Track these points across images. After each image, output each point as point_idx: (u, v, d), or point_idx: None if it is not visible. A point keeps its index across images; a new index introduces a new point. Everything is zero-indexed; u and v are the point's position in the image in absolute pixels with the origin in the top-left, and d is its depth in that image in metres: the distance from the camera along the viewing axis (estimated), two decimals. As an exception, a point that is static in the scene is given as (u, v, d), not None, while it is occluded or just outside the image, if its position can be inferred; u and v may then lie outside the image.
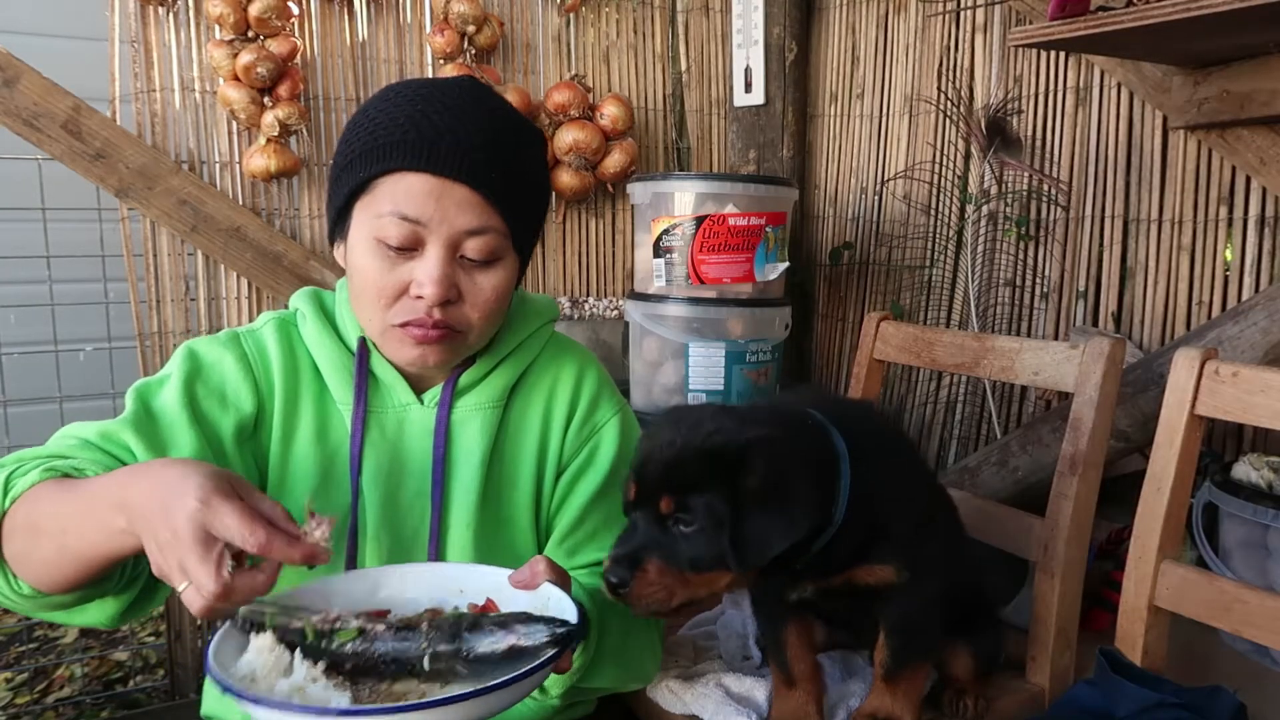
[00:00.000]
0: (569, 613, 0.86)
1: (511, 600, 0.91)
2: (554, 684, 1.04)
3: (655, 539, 0.96)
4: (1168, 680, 1.18)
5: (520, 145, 1.08)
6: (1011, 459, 1.87)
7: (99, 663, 2.33)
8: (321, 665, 0.81)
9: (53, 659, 2.34)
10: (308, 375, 1.14)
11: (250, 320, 2.14)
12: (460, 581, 0.95)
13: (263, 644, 0.83)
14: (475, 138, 1.02)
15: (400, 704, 0.75)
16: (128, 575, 0.98)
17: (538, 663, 0.78)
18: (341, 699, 0.79)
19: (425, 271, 1.02)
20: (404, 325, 1.05)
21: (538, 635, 0.80)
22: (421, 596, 0.94)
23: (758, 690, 1.25)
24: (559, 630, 0.81)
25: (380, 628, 0.83)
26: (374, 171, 1.02)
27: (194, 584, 0.79)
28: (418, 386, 1.15)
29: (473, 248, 1.03)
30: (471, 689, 0.74)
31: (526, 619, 0.83)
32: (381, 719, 0.74)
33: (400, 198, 1.01)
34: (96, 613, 0.99)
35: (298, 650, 0.82)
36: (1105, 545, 1.84)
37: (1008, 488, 1.87)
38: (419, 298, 1.03)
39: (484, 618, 0.84)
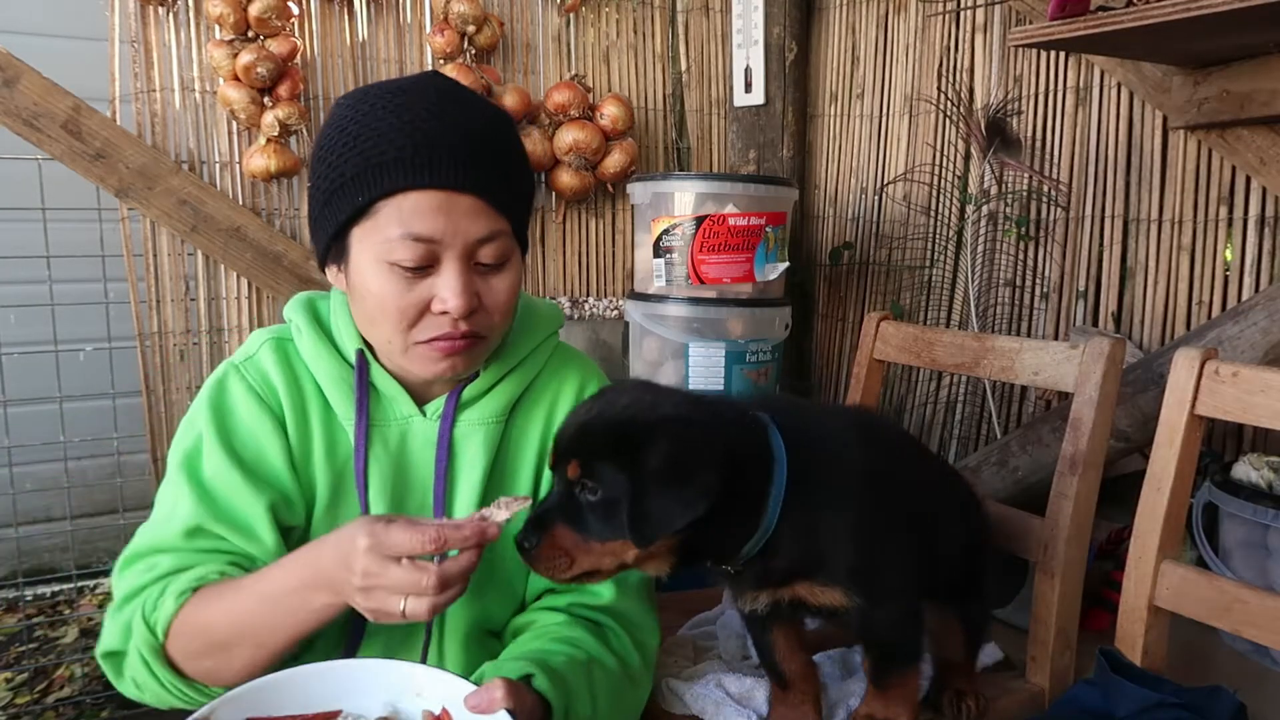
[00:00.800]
0: None
1: (465, 717, 0.90)
2: None
3: (567, 505, 0.98)
4: (1168, 680, 1.18)
5: (507, 139, 1.06)
6: (1011, 459, 1.87)
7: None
8: None
9: (53, 659, 2.34)
10: (312, 393, 1.12)
11: (249, 321, 2.15)
12: (419, 685, 0.93)
13: None
14: (471, 142, 0.99)
15: None
16: None
17: None
18: None
19: (448, 287, 1.00)
20: (429, 341, 1.03)
21: None
22: (377, 701, 0.93)
23: (758, 690, 1.25)
24: None
25: None
26: (374, 195, 0.98)
27: (413, 592, 0.87)
28: (419, 398, 1.13)
29: (487, 254, 1.02)
30: None
31: None
32: None
33: (408, 218, 0.98)
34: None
35: None
36: (1105, 545, 1.84)
37: (1008, 488, 1.87)
38: (443, 313, 1.01)
39: None
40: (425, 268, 1.00)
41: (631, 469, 0.94)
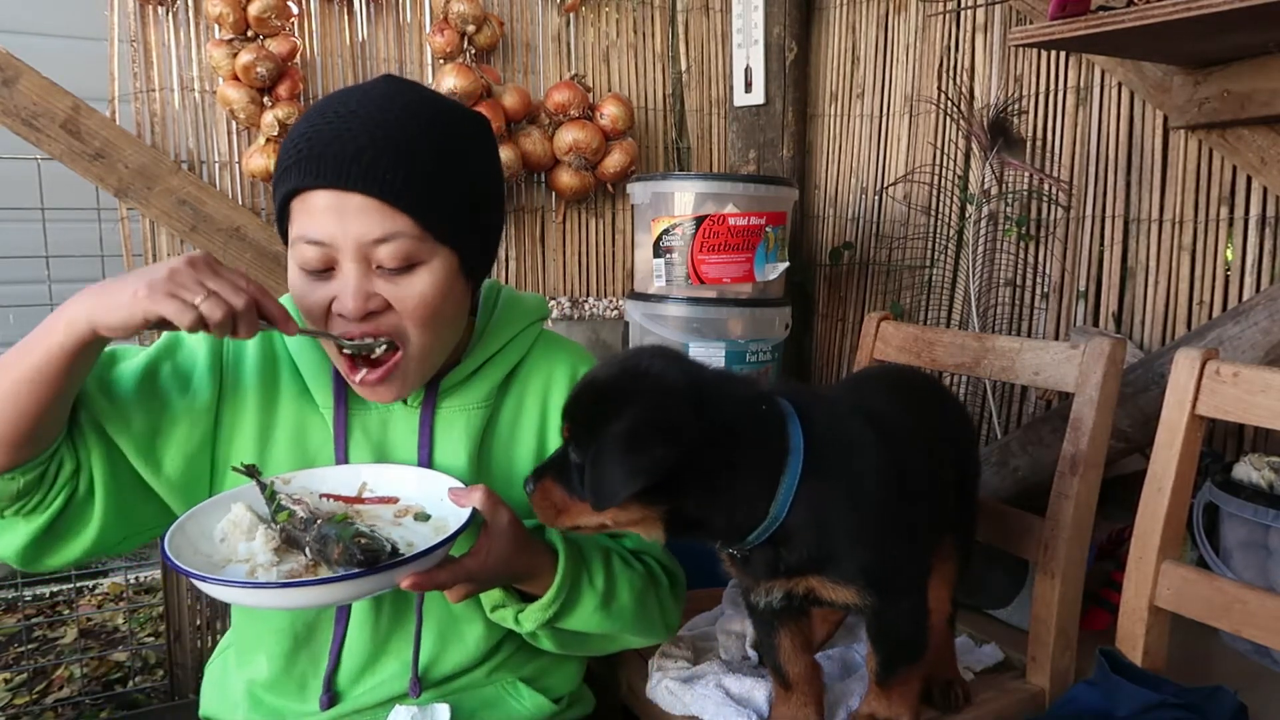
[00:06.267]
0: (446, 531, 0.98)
1: (454, 512, 1.03)
2: (527, 619, 1.07)
3: (561, 461, 1.02)
4: (1168, 680, 1.18)
5: (429, 138, 1.00)
6: (1011, 459, 1.87)
7: (98, 663, 2.33)
8: (274, 534, 0.98)
9: (52, 659, 2.34)
10: (287, 377, 1.14)
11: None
12: (435, 489, 1.07)
13: (238, 515, 1.00)
14: (362, 139, 0.96)
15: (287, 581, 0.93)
16: (41, 493, 0.99)
17: (355, 571, 0.91)
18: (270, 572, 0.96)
19: (341, 288, 1.00)
20: (351, 360, 1.04)
21: (378, 547, 0.93)
22: (402, 492, 1.09)
23: (758, 690, 1.25)
24: (383, 549, 0.93)
25: (301, 514, 0.98)
26: (282, 196, 1.01)
27: (221, 291, 0.90)
28: None
29: (384, 255, 0.99)
30: (312, 579, 0.93)
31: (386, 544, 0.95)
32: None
33: (306, 220, 0.99)
34: (9, 538, 1.01)
35: (261, 525, 1.00)
36: (1105, 545, 1.84)
37: (1008, 488, 1.86)
38: (342, 315, 1.01)
39: (357, 528, 0.95)
40: (327, 270, 1.00)
41: (599, 433, 0.95)
